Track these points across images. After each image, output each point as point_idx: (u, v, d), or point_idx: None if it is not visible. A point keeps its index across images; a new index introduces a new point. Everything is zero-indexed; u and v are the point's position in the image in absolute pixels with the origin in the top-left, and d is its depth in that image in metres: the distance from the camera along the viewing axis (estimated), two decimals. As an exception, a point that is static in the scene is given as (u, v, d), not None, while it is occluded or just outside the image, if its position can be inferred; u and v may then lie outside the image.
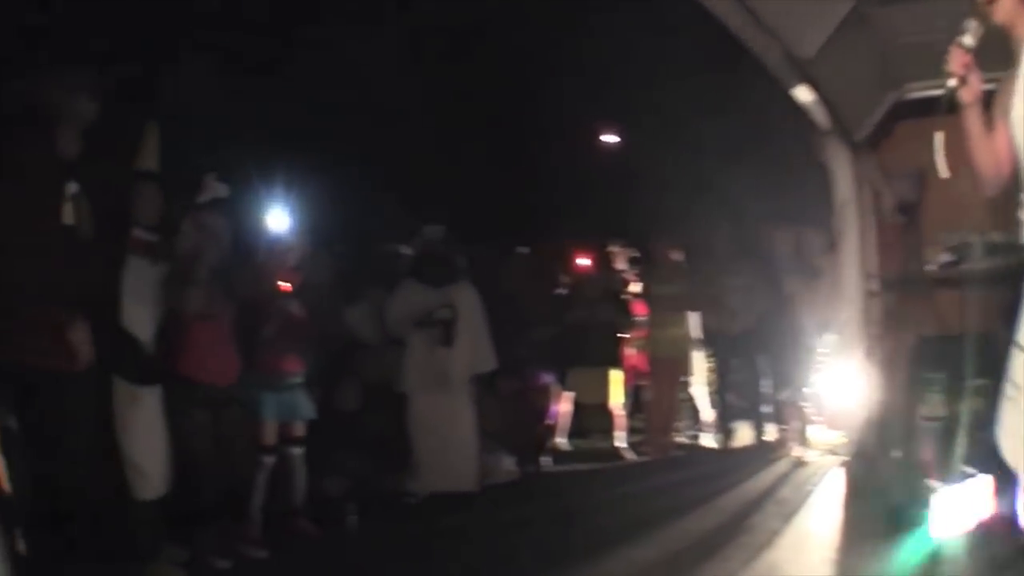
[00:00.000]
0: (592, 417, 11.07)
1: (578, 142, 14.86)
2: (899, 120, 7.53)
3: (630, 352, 10.99)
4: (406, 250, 9.20)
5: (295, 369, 7.32)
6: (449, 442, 8.42)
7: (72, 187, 4.88)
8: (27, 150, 4.95)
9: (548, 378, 10.52)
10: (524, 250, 10.96)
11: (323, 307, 7.93)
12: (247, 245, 7.27)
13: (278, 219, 7.55)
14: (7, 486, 5.04)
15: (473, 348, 8.62)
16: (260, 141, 8.63)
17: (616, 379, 10.73)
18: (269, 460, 7.08)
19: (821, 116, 7.10)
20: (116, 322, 5.90)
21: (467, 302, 8.66)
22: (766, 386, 10.14)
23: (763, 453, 9.84)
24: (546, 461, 10.31)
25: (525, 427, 10.09)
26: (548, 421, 10.61)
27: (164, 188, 6.27)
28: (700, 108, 11.02)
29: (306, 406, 7.37)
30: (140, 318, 6.10)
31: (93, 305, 5.24)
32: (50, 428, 4.96)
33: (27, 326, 4.88)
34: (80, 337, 4.99)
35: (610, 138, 15.59)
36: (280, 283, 7.24)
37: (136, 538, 5.94)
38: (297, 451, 7.36)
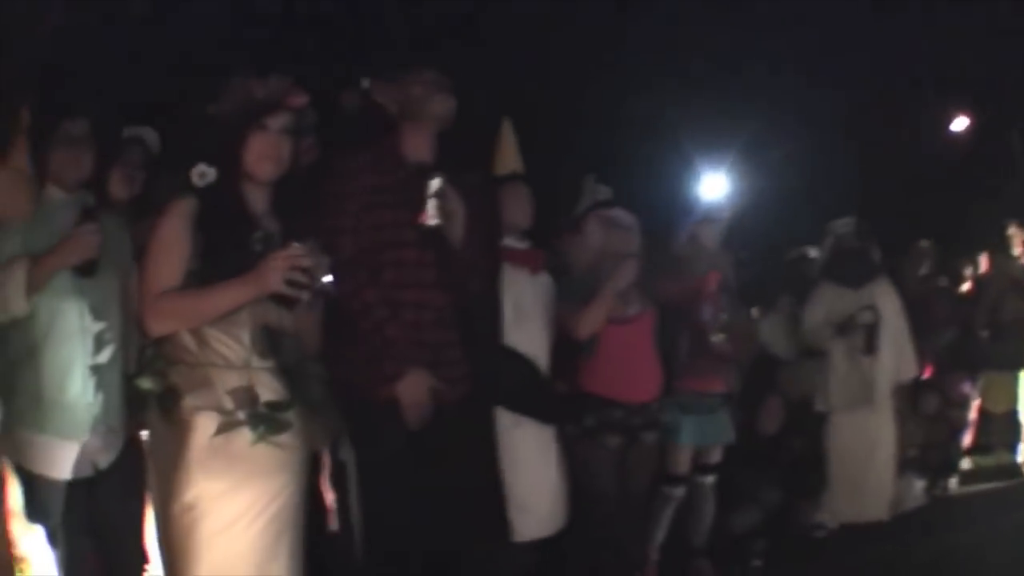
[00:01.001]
0: (993, 427, 9.51)
1: (942, 124, 13.39)
2: None
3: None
4: (812, 252, 7.87)
5: (718, 387, 6.09)
6: (869, 466, 7.16)
7: (435, 183, 3.99)
8: (373, 153, 4.20)
9: (967, 388, 9.01)
10: (925, 243, 9.25)
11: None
12: (663, 241, 6.13)
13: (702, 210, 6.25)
14: (338, 524, 4.76)
15: (896, 354, 7.29)
16: (654, 139, 7.27)
17: (1028, 382, 8.99)
18: (679, 492, 5.97)
19: None
20: (500, 343, 5.01)
21: (888, 302, 7.32)
22: None
23: None
24: (951, 482, 8.87)
25: (940, 445, 8.58)
26: (962, 436, 9.13)
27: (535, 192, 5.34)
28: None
29: (727, 429, 6.18)
30: (530, 337, 5.16)
31: (469, 321, 4.37)
32: (396, 464, 4.07)
33: (376, 349, 4.05)
34: (412, 392, 4.02)
35: (963, 120, 13.82)
36: (707, 282, 5.90)
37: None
38: (709, 480, 6.19)
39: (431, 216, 3.99)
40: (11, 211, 3.33)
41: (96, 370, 4.00)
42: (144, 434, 3.95)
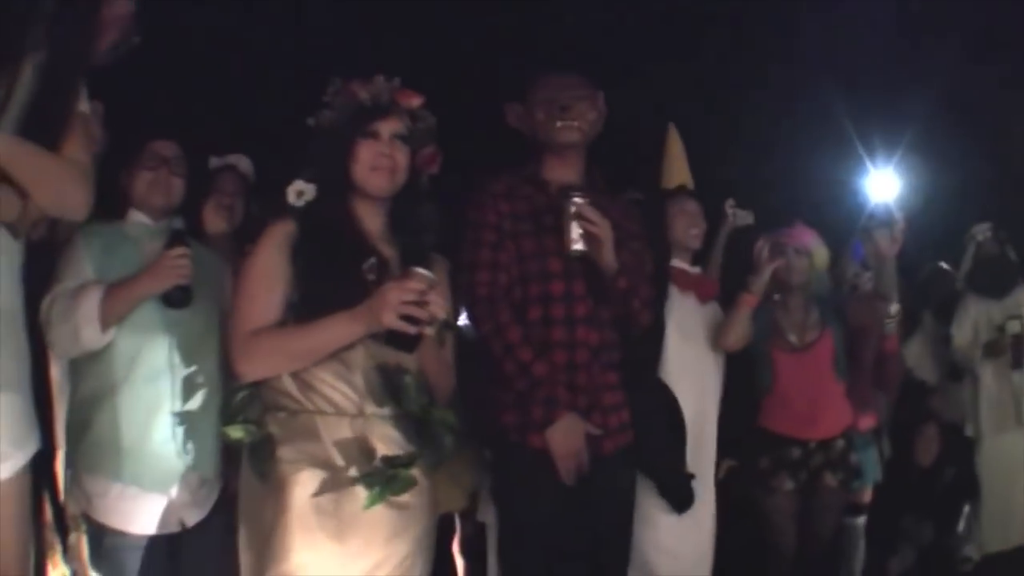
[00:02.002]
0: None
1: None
2: None
3: None
4: (945, 265, 6.90)
5: (871, 422, 5.33)
6: (1015, 490, 6.25)
7: (573, 204, 3.36)
8: (513, 176, 3.62)
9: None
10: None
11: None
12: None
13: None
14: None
15: (1041, 367, 6.55)
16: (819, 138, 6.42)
17: None
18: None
19: None
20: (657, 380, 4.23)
21: (1031, 311, 6.57)
22: None
23: None
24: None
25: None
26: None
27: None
28: None
29: (876, 468, 5.45)
30: (694, 372, 4.41)
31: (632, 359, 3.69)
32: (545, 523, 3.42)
33: (523, 393, 3.43)
34: (565, 441, 3.38)
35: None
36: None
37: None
38: (861, 522, 5.48)
39: (574, 242, 3.36)
40: (67, 205, 2.62)
41: (187, 416, 3.31)
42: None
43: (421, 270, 2.76)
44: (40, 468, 2.88)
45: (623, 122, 3.74)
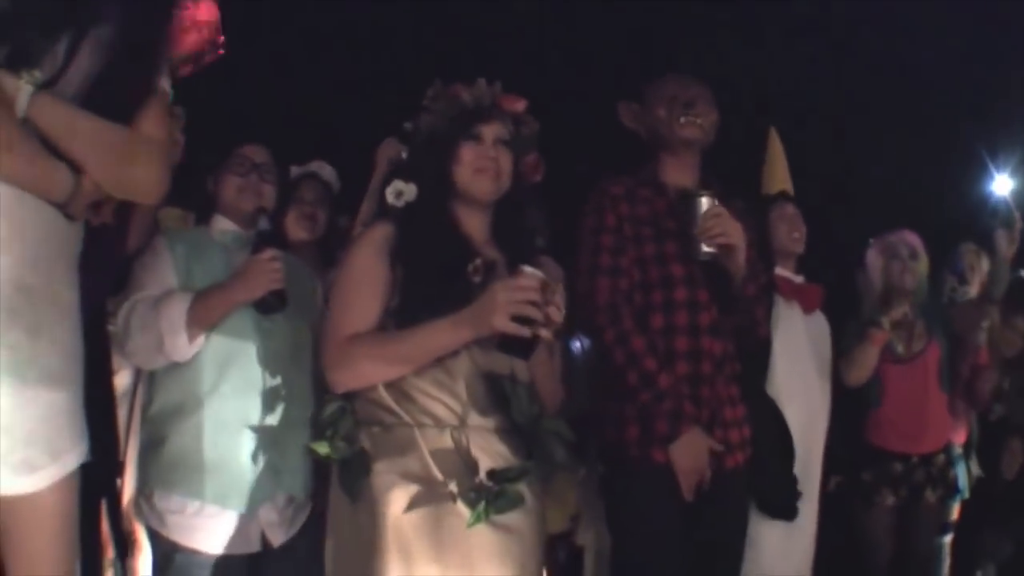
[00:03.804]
0: None
1: None
2: None
3: None
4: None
5: (963, 436, 4.99)
6: None
7: (704, 203, 3.08)
8: (630, 181, 3.32)
9: None
10: None
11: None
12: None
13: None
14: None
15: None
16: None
17: None
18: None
19: None
20: (765, 403, 3.88)
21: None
22: None
23: None
24: None
25: None
26: None
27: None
28: None
29: (965, 484, 5.01)
30: (801, 387, 4.05)
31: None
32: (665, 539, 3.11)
33: (646, 406, 3.12)
34: (689, 456, 3.08)
35: None
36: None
37: None
38: (947, 540, 5.05)
39: (705, 244, 3.07)
40: (133, 184, 2.23)
41: (278, 432, 2.98)
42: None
43: (531, 269, 2.49)
44: (97, 482, 2.55)
45: (725, 127, 3.45)
